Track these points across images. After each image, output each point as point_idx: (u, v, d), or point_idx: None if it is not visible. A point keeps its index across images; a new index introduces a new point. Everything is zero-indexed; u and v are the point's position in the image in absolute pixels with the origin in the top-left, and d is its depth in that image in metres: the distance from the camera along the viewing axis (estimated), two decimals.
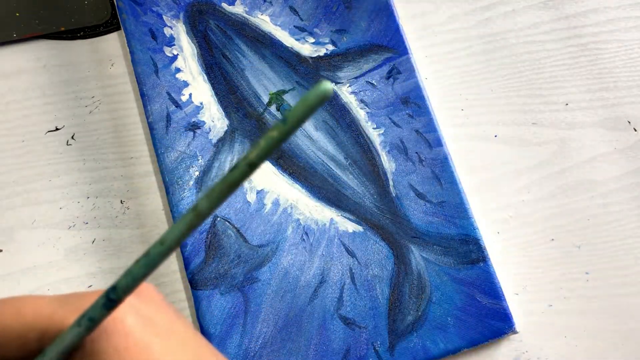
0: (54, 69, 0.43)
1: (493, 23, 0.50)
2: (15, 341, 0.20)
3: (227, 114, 0.43)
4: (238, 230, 0.40)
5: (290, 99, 0.44)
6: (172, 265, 0.41)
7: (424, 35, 0.48)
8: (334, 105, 0.44)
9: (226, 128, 0.42)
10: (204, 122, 0.42)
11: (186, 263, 0.39)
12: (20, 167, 0.41)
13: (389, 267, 0.41)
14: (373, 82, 0.45)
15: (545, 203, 0.46)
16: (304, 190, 0.42)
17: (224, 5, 0.45)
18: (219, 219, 0.40)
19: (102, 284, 0.40)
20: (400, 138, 0.44)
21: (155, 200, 0.42)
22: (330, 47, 0.45)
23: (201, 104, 0.42)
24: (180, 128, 0.42)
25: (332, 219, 0.42)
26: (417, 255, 0.41)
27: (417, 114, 0.44)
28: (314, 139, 0.43)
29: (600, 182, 0.47)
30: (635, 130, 0.48)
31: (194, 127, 0.42)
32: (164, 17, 0.44)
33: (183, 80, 0.43)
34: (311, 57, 0.45)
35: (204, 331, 0.38)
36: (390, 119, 0.44)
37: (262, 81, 0.44)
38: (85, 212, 0.41)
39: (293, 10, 0.46)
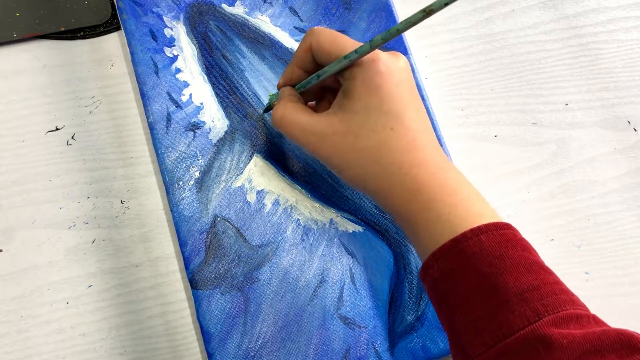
0: (54, 69, 0.44)
1: (493, 23, 0.50)
2: (327, 55, 0.34)
3: (227, 115, 0.43)
4: (238, 230, 0.40)
5: None
6: (172, 265, 0.41)
7: (424, 35, 0.49)
8: None
9: (226, 128, 0.42)
10: (204, 123, 0.42)
11: (186, 263, 0.39)
12: (20, 167, 0.41)
13: (389, 267, 0.41)
14: None
15: (545, 203, 0.46)
16: (304, 191, 0.42)
17: (224, 6, 0.45)
18: (219, 219, 0.40)
19: (102, 284, 0.40)
20: None
21: (155, 200, 0.42)
22: None
23: (201, 104, 0.42)
24: (180, 128, 0.42)
25: (332, 219, 0.42)
26: (416, 255, 0.41)
27: None
28: None
29: (600, 182, 0.47)
30: (635, 130, 0.48)
31: (194, 127, 0.42)
32: (164, 18, 0.44)
33: (183, 81, 0.43)
34: None
35: (204, 331, 0.38)
36: None
37: (262, 82, 0.44)
38: (85, 212, 0.41)
39: (293, 11, 0.46)
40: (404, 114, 0.33)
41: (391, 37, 0.30)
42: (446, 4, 0.26)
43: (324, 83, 0.37)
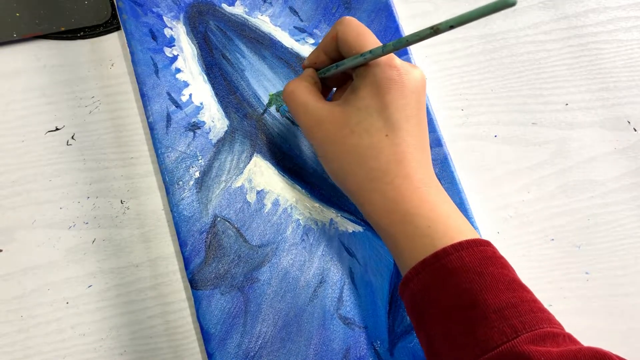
0: (54, 69, 0.44)
1: (493, 23, 0.50)
2: (348, 49, 0.34)
3: (227, 115, 0.43)
4: (238, 230, 0.40)
5: None
6: (172, 265, 0.41)
7: None
8: None
9: (226, 128, 0.42)
10: (204, 123, 0.42)
11: (186, 263, 0.39)
12: (20, 167, 0.41)
13: (389, 267, 0.41)
14: None
15: (545, 203, 0.46)
16: (303, 191, 0.42)
17: (224, 6, 0.45)
18: (219, 219, 0.40)
19: (102, 284, 0.40)
20: None
21: (155, 200, 0.42)
22: None
23: (201, 104, 0.42)
24: (180, 128, 0.42)
25: (332, 219, 0.42)
26: None
27: None
28: None
29: (600, 182, 0.47)
30: (635, 130, 0.48)
31: (194, 127, 0.42)
32: (164, 18, 0.44)
33: (183, 81, 0.43)
34: None
35: (204, 331, 0.38)
36: None
37: (262, 82, 0.44)
38: (85, 212, 0.41)
39: (293, 11, 0.46)
40: (403, 125, 0.33)
41: (401, 46, 0.30)
42: (451, 27, 0.27)
43: (348, 73, 0.37)
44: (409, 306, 0.32)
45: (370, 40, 0.34)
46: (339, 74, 0.37)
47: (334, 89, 0.40)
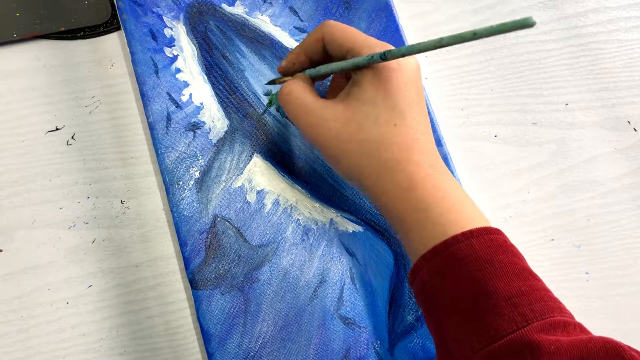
0: (54, 69, 0.44)
1: (493, 23, 0.49)
2: (339, 47, 0.34)
3: (227, 115, 0.43)
4: (238, 230, 0.40)
5: None
6: (172, 265, 0.41)
7: (424, 35, 0.49)
8: None
9: (226, 128, 0.42)
10: (204, 123, 0.42)
11: (186, 263, 0.39)
12: (20, 167, 0.41)
13: (389, 267, 0.41)
14: None
15: (545, 203, 0.46)
16: (304, 191, 0.42)
17: (224, 6, 0.45)
18: (219, 219, 0.40)
19: (102, 284, 0.40)
20: None
21: (155, 200, 0.42)
22: None
23: (201, 104, 0.42)
24: (180, 128, 0.42)
25: (332, 219, 0.42)
26: None
27: None
28: None
29: (600, 182, 0.47)
30: (635, 130, 0.48)
31: (194, 127, 0.42)
32: (164, 18, 0.44)
33: (183, 81, 0.43)
34: None
35: (204, 331, 0.38)
36: None
37: (262, 82, 0.44)
38: (85, 212, 0.41)
39: (293, 11, 0.46)
40: (408, 113, 0.33)
41: (409, 54, 0.30)
42: (457, 43, 0.27)
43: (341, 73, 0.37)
44: (419, 294, 0.32)
45: (358, 35, 0.34)
46: (322, 77, 0.37)
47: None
